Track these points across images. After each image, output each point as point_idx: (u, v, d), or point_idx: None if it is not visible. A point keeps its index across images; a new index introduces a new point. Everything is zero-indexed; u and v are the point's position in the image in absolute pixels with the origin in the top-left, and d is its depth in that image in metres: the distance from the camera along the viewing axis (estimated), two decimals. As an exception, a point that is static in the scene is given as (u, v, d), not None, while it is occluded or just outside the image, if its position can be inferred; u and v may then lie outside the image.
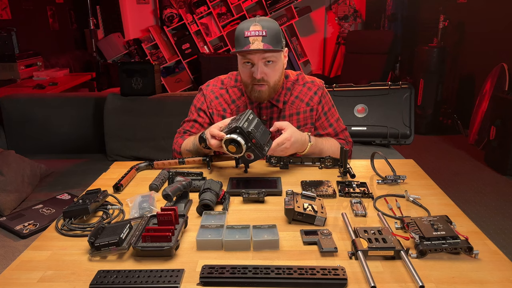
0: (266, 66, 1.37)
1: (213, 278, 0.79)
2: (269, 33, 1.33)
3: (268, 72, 1.38)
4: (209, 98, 1.54)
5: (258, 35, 1.32)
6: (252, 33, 1.32)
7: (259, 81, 1.37)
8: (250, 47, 1.32)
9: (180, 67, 5.62)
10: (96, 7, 5.34)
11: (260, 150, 1.23)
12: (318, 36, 5.68)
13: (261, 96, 1.41)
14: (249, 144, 1.21)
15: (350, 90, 2.44)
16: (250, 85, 1.41)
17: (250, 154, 1.24)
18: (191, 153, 1.47)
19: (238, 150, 1.21)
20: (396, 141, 2.37)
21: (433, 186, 1.24)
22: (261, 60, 1.35)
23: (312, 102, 1.52)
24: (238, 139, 1.19)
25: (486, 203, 2.78)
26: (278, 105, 1.49)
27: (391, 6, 5.10)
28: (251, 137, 1.20)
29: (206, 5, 5.29)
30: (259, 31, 1.32)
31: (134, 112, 2.47)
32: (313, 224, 1.01)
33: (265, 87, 1.39)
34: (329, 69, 5.50)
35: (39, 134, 2.57)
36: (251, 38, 1.32)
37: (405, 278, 0.80)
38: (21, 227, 1.66)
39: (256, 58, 1.35)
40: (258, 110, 1.50)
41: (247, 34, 1.33)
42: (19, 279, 0.83)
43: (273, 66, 1.38)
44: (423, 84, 4.15)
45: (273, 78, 1.40)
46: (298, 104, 1.51)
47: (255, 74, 1.36)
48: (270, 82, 1.39)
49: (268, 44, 1.32)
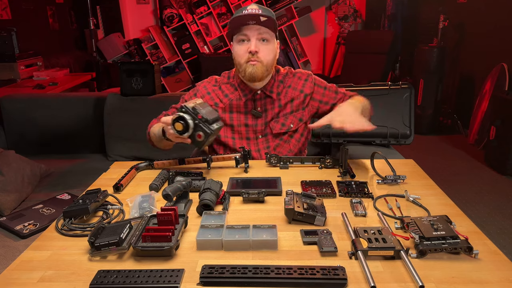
0: (260, 43, 1.41)
1: (213, 278, 0.79)
2: (265, 12, 1.39)
3: (262, 49, 1.42)
4: (201, 93, 1.58)
5: (255, 13, 1.38)
6: (249, 11, 1.39)
7: (253, 56, 1.41)
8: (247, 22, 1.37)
9: (180, 67, 5.62)
10: (96, 7, 5.35)
11: (207, 125, 1.24)
12: (318, 36, 5.68)
13: (256, 71, 1.43)
14: (196, 121, 1.23)
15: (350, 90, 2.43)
16: (244, 64, 1.43)
17: (200, 133, 1.24)
18: (155, 137, 1.48)
19: (185, 128, 1.23)
20: (396, 141, 2.36)
21: (433, 186, 1.24)
22: (257, 36, 1.40)
23: (305, 88, 1.56)
24: (183, 115, 1.22)
25: (486, 203, 2.78)
26: (272, 96, 1.52)
27: (391, 6, 5.11)
28: (196, 113, 1.23)
29: (206, 5, 5.29)
30: (256, 9, 1.39)
31: (134, 112, 2.47)
32: (313, 224, 1.01)
33: (258, 64, 1.42)
34: (329, 69, 5.50)
35: (39, 134, 2.56)
36: (247, 12, 1.38)
37: (405, 278, 0.80)
38: (21, 227, 1.66)
39: (252, 33, 1.40)
40: (253, 102, 1.53)
41: (245, 12, 1.39)
42: (19, 279, 0.83)
43: (267, 45, 1.43)
44: (423, 84, 4.15)
45: (266, 57, 1.43)
46: (291, 92, 1.56)
47: (250, 48, 1.40)
48: (263, 60, 1.42)
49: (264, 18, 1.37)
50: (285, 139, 1.57)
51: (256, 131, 1.54)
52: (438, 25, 4.16)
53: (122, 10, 5.46)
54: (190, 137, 1.25)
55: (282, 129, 1.55)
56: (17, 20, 3.91)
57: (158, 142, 1.49)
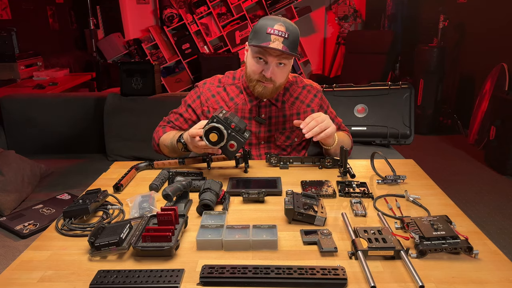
0: (277, 67, 1.37)
1: (213, 278, 0.79)
2: (291, 37, 1.32)
3: (277, 73, 1.38)
4: (205, 96, 1.54)
5: (281, 35, 1.30)
6: (275, 32, 1.30)
7: (266, 80, 1.38)
8: (270, 45, 1.30)
9: (180, 67, 5.62)
10: (96, 7, 5.34)
11: (241, 134, 1.23)
12: (318, 36, 5.68)
13: (265, 92, 1.42)
14: (229, 131, 1.21)
15: (350, 90, 2.44)
16: (256, 80, 1.41)
17: (233, 143, 1.23)
18: (167, 149, 1.47)
19: (220, 138, 1.21)
20: (396, 141, 2.37)
21: (433, 186, 1.24)
22: (275, 61, 1.35)
23: (312, 104, 1.55)
24: (217, 126, 1.20)
25: (486, 203, 2.78)
26: (277, 104, 1.51)
27: (391, 6, 5.11)
28: (229, 122, 1.21)
29: (206, 5, 5.29)
30: (283, 32, 1.31)
31: (134, 112, 2.47)
32: (313, 224, 1.01)
33: (270, 85, 1.40)
34: (329, 69, 5.50)
35: (39, 134, 2.57)
36: (273, 36, 1.30)
37: (405, 278, 0.80)
38: (21, 227, 1.66)
39: (271, 58, 1.34)
40: (257, 108, 1.51)
41: (270, 31, 1.30)
42: (19, 279, 0.83)
43: (283, 68, 1.39)
44: (423, 84, 4.16)
45: (280, 79, 1.41)
46: (298, 105, 1.53)
47: (265, 72, 1.36)
48: (276, 82, 1.40)
49: (287, 47, 1.31)
50: (288, 150, 1.57)
51: (259, 137, 1.53)
52: (438, 25, 4.16)
53: (122, 10, 5.46)
54: (222, 147, 1.23)
55: (286, 142, 1.54)
56: (17, 20, 3.91)
57: (172, 153, 1.48)
